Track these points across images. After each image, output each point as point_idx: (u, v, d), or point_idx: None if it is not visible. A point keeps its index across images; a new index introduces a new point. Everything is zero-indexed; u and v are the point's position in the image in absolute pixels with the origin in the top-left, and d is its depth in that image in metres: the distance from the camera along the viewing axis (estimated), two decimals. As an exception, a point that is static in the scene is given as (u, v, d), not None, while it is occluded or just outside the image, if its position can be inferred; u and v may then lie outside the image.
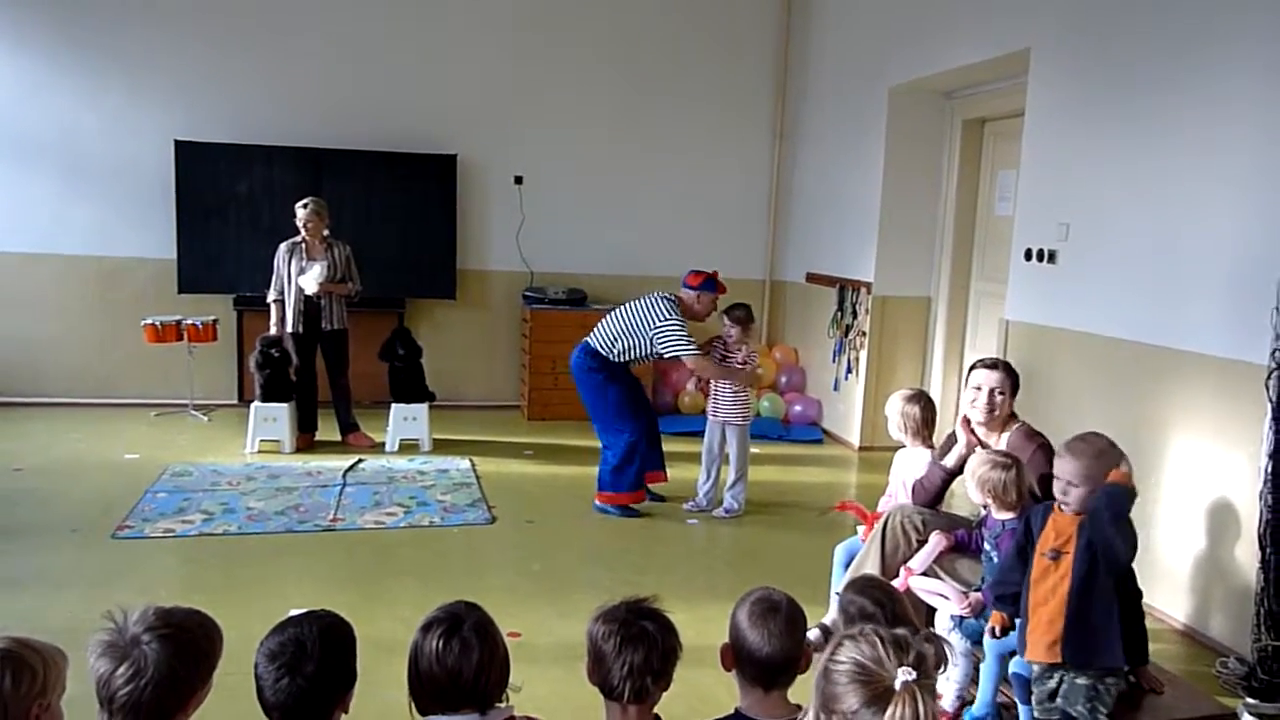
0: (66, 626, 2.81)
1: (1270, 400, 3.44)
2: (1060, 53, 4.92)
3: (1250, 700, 3.34)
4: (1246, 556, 3.66)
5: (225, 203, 7.20)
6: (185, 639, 1.73)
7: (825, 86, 7.67)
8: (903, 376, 6.74)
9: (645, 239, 8.12)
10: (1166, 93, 4.20)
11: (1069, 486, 2.68)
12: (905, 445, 3.83)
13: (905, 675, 1.32)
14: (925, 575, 3.22)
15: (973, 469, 3.12)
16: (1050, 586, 2.66)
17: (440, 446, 6.49)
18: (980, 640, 3.01)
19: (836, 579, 3.69)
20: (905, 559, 3.30)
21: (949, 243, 6.65)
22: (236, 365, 7.41)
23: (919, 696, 1.30)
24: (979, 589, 3.11)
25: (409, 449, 6.42)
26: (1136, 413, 4.29)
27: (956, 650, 3.07)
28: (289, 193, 6.67)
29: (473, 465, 6.11)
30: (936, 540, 3.24)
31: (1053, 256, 4.93)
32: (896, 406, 3.81)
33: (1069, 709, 2.60)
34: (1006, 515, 3.06)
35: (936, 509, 3.55)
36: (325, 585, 4.13)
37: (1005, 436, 3.39)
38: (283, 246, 6.22)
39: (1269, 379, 3.45)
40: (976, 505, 3.22)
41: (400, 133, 7.52)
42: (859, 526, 3.75)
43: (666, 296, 5.14)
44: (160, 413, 7.17)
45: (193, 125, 7.20)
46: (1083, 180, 4.74)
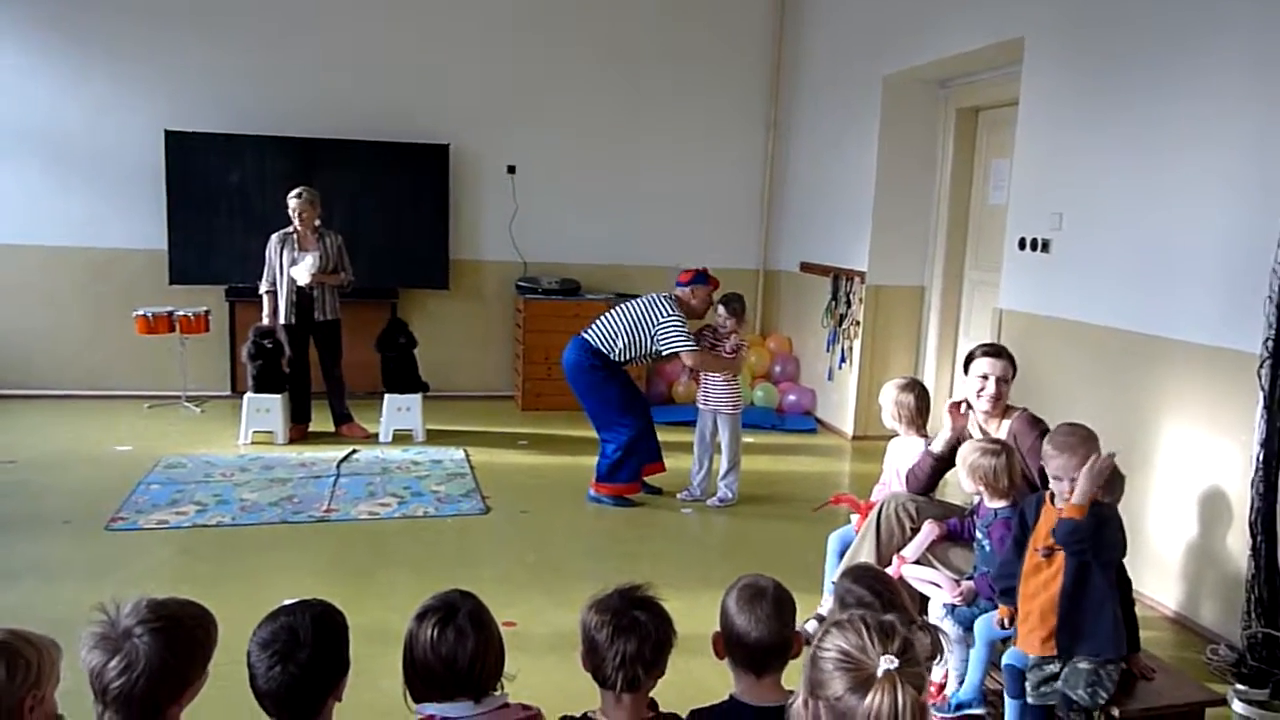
0: (60, 618, 2.80)
1: (1262, 389, 3.45)
2: (1054, 42, 4.92)
3: (1240, 686, 3.35)
4: (1237, 544, 3.68)
5: (216, 193, 7.16)
6: (178, 631, 1.73)
7: (819, 75, 7.66)
8: (896, 366, 6.75)
9: (639, 229, 8.10)
10: (1159, 82, 4.21)
11: (1056, 481, 2.70)
12: (899, 434, 3.83)
13: (887, 664, 1.35)
14: (918, 564, 3.23)
15: (964, 456, 3.13)
16: (1042, 581, 2.68)
17: (434, 437, 6.49)
18: (972, 627, 3.03)
19: (831, 568, 3.71)
20: (899, 547, 3.31)
21: (943, 232, 6.65)
22: (229, 356, 7.39)
23: (898, 685, 1.33)
24: (970, 577, 3.13)
25: (403, 439, 6.42)
26: (1129, 401, 4.30)
27: (951, 638, 3.08)
28: (280, 183, 6.64)
29: (467, 456, 6.11)
30: (929, 529, 3.26)
31: (1046, 246, 4.94)
32: (890, 395, 3.82)
33: (1069, 692, 2.61)
34: (999, 503, 3.07)
35: (930, 497, 3.56)
36: (319, 576, 4.12)
37: (1006, 424, 3.38)
38: (274, 237, 6.20)
39: (1261, 368, 3.46)
40: (969, 493, 3.23)
41: (392, 122, 7.49)
42: (853, 516, 3.76)
43: (666, 295, 5.17)
44: (152, 404, 7.16)
45: (182, 114, 7.15)
46: (1076, 169, 4.74)
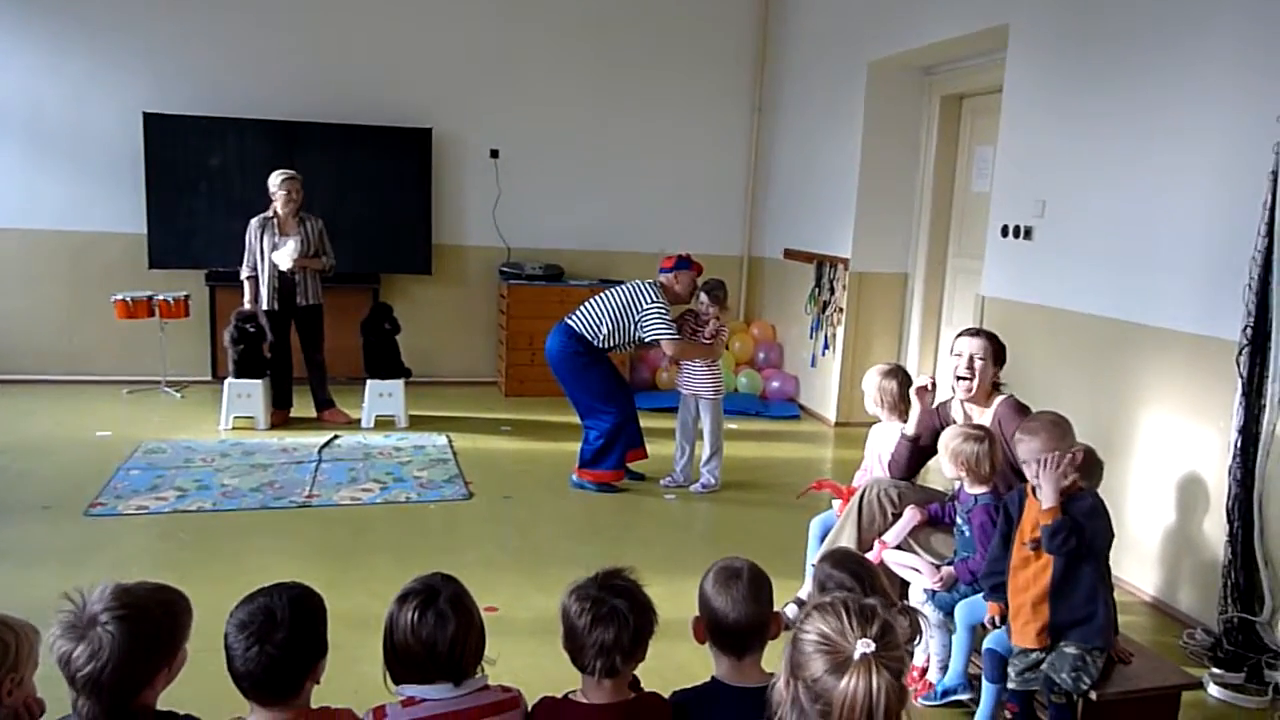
0: (39, 604, 2.78)
1: (1240, 376, 3.48)
2: (1038, 29, 4.92)
3: (1216, 670, 3.40)
4: (1215, 530, 3.72)
5: (196, 176, 7.10)
6: (144, 618, 1.72)
7: (804, 61, 7.64)
8: (879, 352, 6.76)
9: (623, 214, 8.09)
10: (1142, 70, 4.22)
11: (1026, 467, 2.72)
12: (881, 420, 3.84)
13: (864, 647, 1.38)
14: (899, 549, 3.25)
15: (945, 442, 3.13)
16: (1032, 575, 2.69)
17: (417, 423, 6.46)
18: (952, 612, 3.05)
19: (812, 552, 3.72)
20: (881, 532, 3.32)
21: (926, 219, 6.66)
22: (209, 341, 7.34)
23: (874, 668, 1.36)
24: (950, 562, 3.14)
25: (385, 425, 6.39)
26: (1109, 388, 4.33)
27: (931, 623, 3.10)
28: (261, 166, 6.57)
29: (449, 441, 6.10)
30: (910, 514, 3.27)
31: (1029, 233, 4.96)
32: (873, 381, 3.82)
33: (1054, 675, 2.63)
34: (979, 489, 3.08)
35: (912, 482, 3.57)
36: (301, 561, 4.11)
37: (992, 408, 3.39)
38: (254, 222, 6.14)
39: (1240, 355, 3.49)
40: (950, 479, 3.23)
41: (374, 106, 7.43)
42: (834, 501, 3.77)
43: (650, 282, 5.16)
44: (132, 390, 7.10)
45: (161, 97, 7.07)
46: (1059, 157, 4.76)
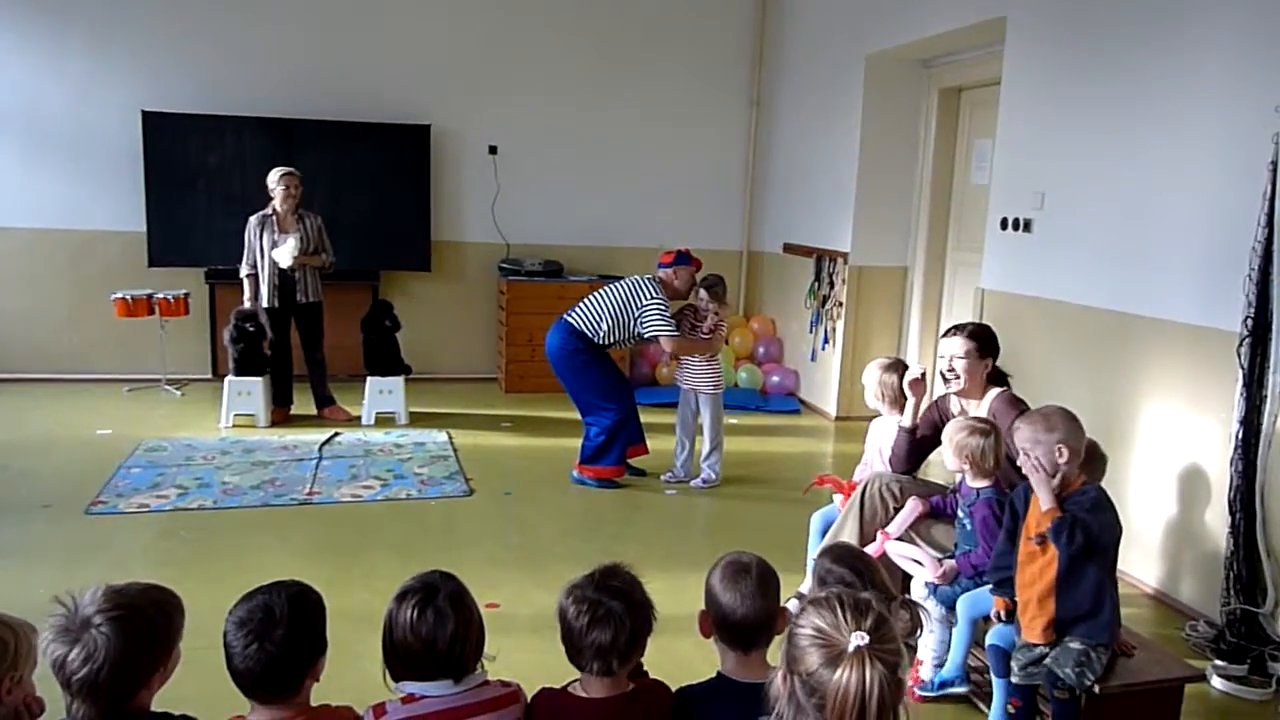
0: (40, 603, 2.77)
1: (1241, 367, 3.48)
2: (1035, 20, 4.91)
3: (1219, 662, 3.39)
4: (1216, 522, 3.71)
5: (195, 174, 7.08)
6: (138, 619, 1.71)
7: (802, 54, 7.63)
8: (879, 346, 6.76)
9: (622, 209, 8.07)
10: (1141, 61, 4.21)
11: (1022, 456, 2.71)
12: (882, 414, 3.84)
13: (858, 640, 1.38)
14: (901, 540, 3.24)
15: (950, 434, 3.12)
16: (1038, 569, 2.69)
17: (417, 419, 6.46)
18: (954, 606, 3.04)
19: (813, 547, 3.72)
20: (883, 526, 3.32)
21: (925, 212, 6.65)
22: (209, 339, 7.33)
23: (868, 661, 1.36)
24: (952, 555, 3.14)
25: (385, 422, 6.39)
26: (1110, 380, 4.33)
27: (932, 616, 3.09)
28: (260, 164, 6.56)
29: (450, 438, 6.09)
30: (913, 505, 3.27)
31: (1028, 225, 4.95)
32: (874, 375, 3.82)
33: (1057, 670, 2.62)
34: (982, 483, 3.07)
35: (913, 476, 3.56)
36: (302, 559, 4.11)
37: (987, 402, 3.39)
38: (253, 219, 6.13)
39: (1240, 346, 3.48)
40: (953, 472, 3.23)
41: (373, 103, 7.42)
42: (836, 496, 3.77)
43: (650, 278, 5.15)
44: (133, 388, 7.10)
45: (159, 95, 7.06)
46: (1058, 149, 4.74)
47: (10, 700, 1.71)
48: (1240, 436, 3.49)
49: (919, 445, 3.54)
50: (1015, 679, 2.74)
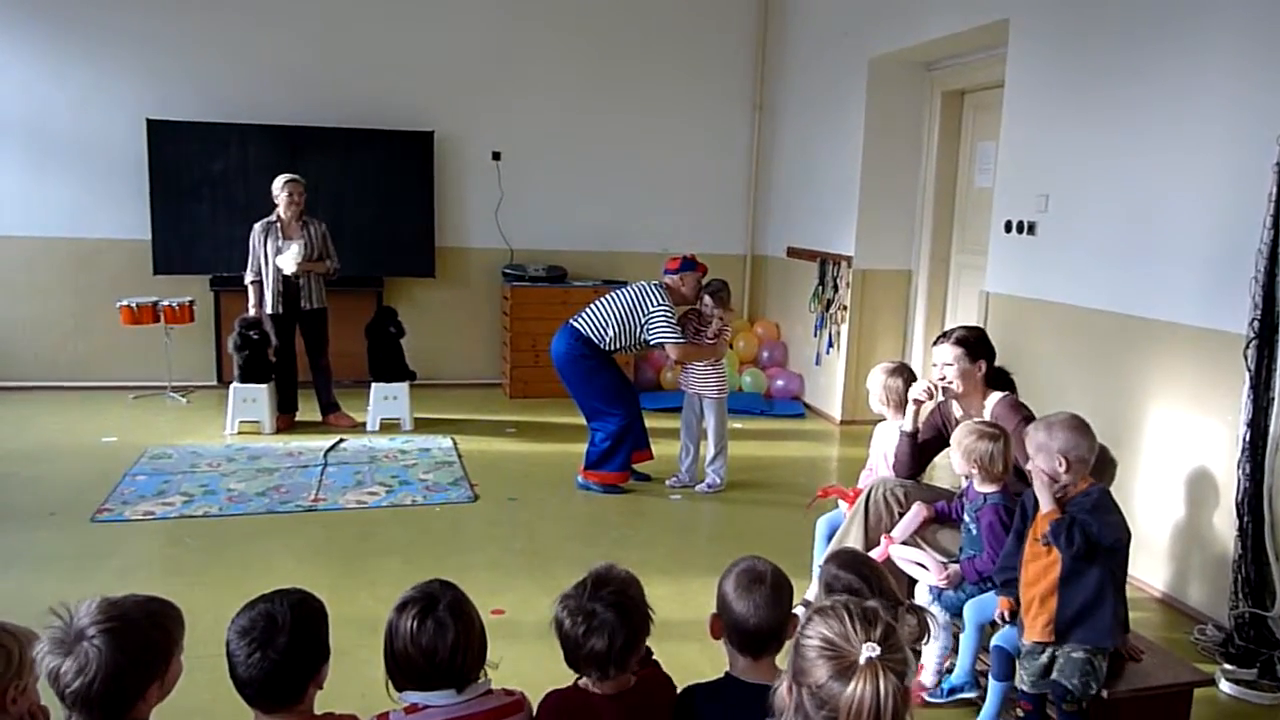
0: (46, 611, 2.77)
1: (1248, 369, 3.46)
2: (1038, 23, 4.90)
3: (1228, 666, 3.38)
4: (1224, 525, 3.70)
5: (199, 182, 7.11)
6: (132, 632, 1.70)
7: (805, 57, 7.63)
8: (884, 350, 6.75)
9: (625, 214, 8.07)
10: (1145, 63, 4.20)
11: (1030, 459, 2.70)
12: (887, 418, 3.83)
13: (869, 652, 1.36)
14: (905, 544, 3.23)
15: (959, 438, 3.09)
16: (1042, 568, 2.68)
17: (421, 425, 6.46)
18: (959, 612, 3.03)
19: (819, 552, 3.70)
20: (888, 531, 3.30)
21: (929, 215, 6.64)
22: (214, 346, 7.35)
23: (880, 673, 1.34)
24: (956, 560, 3.12)
25: (390, 428, 6.39)
26: (1116, 383, 4.31)
27: (937, 621, 3.08)
28: (264, 171, 6.57)
29: (454, 444, 6.09)
30: (917, 510, 3.25)
31: (1032, 228, 4.94)
32: (878, 379, 3.81)
33: (1065, 681, 2.61)
34: (990, 488, 3.04)
35: (918, 481, 3.55)
36: (307, 565, 4.11)
37: (989, 406, 3.36)
38: (257, 226, 6.14)
39: (1247, 348, 3.47)
40: (960, 476, 3.21)
41: (376, 109, 7.44)
42: (841, 503, 3.75)
43: (656, 284, 5.15)
44: (138, 395, 7.11)
45: (164, 103, 7.08)
46: (1062, 151, 4.73)
47: (15, 709, 1.71)
48: (1247, 439, 3.47)
49: (921, 449, 3.52)
50: (1024, 686, 2.73)
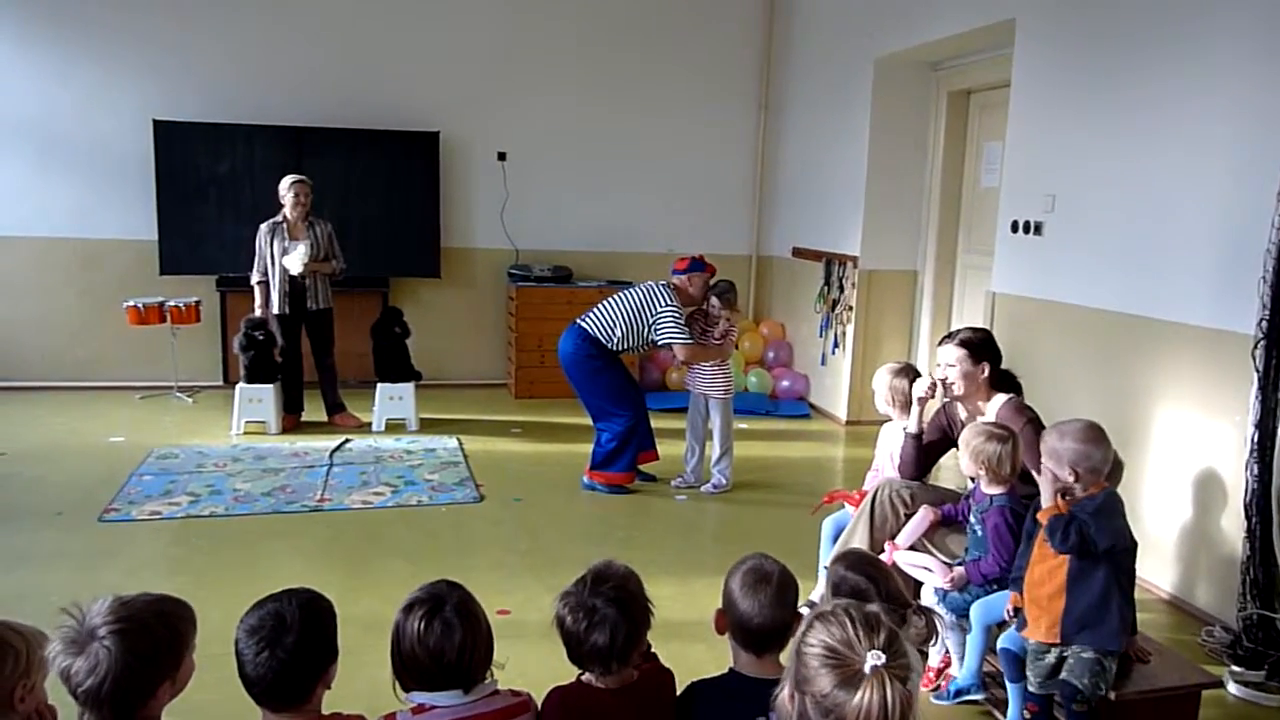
0: (53, 610, 2.77)
1: (1257, 370, 3.45)
2: (1045, 23, 4.89)
3: (1236, 668, 3.36)
4: (1232, 526, 3.68)
5: (206, 183, 7.12)
6: (142, 632, 1.71)
7: (810, 57, 7.62)
8: (889, 350, 6.74)
9: (630, 215, 8.07)
10: (1151, 63, 4.18)
11: (1048, 468, 2.69)
12: (892, 419, 3.81)
13: (874, 660, 1.34)
14: (911, 549, 3.22)
15: (967, 440, 3.07)
16: (1048, 570, 2.68)
17: (427, 426, 6.47)
18: (965, 614, 3.02)
19: (825, 553, 3.70)
20: (894, 532, 3.29)
21: (935, 216, 6.63)
22: (220, 347, 7.36)
23: (887, 681, 1.32)
24: (961, 562, 3.11)
25: (395, 428, 6.39)
26: (1123, 384, 4.30)
27: (945, 623, 3.07)
28: (270, 172, 6.59)
29: (460, 444, 6.09)
30: (923, 514, 3.24)
31: (1039, 228, 4.93)
32: (884, 380, 3.79)
33: (1075, 681, 2.60)
34: (997, 490, 3.03)
35: (924, 482, 3.54)
36: (313, 565, 4.11)
37: (994, 408, 3.35)
38: (264, 227, 6.15)
39: (1255, 348, 3.45)
40: (967, 477, 3.20)
41: (382, 110, 7.44)
42: (845, 504, 3.75)
43: (664, 284, 5.15)
44: (144, 395, 7.12)
45: (170, 104, 7.10)
46: (1068, 151, 4.72)
47: (23, 708, 1.71)
48: (1256, 440, 3.45)
49: (926, 450, 3.51)
50: (1033, 689, 2.72)
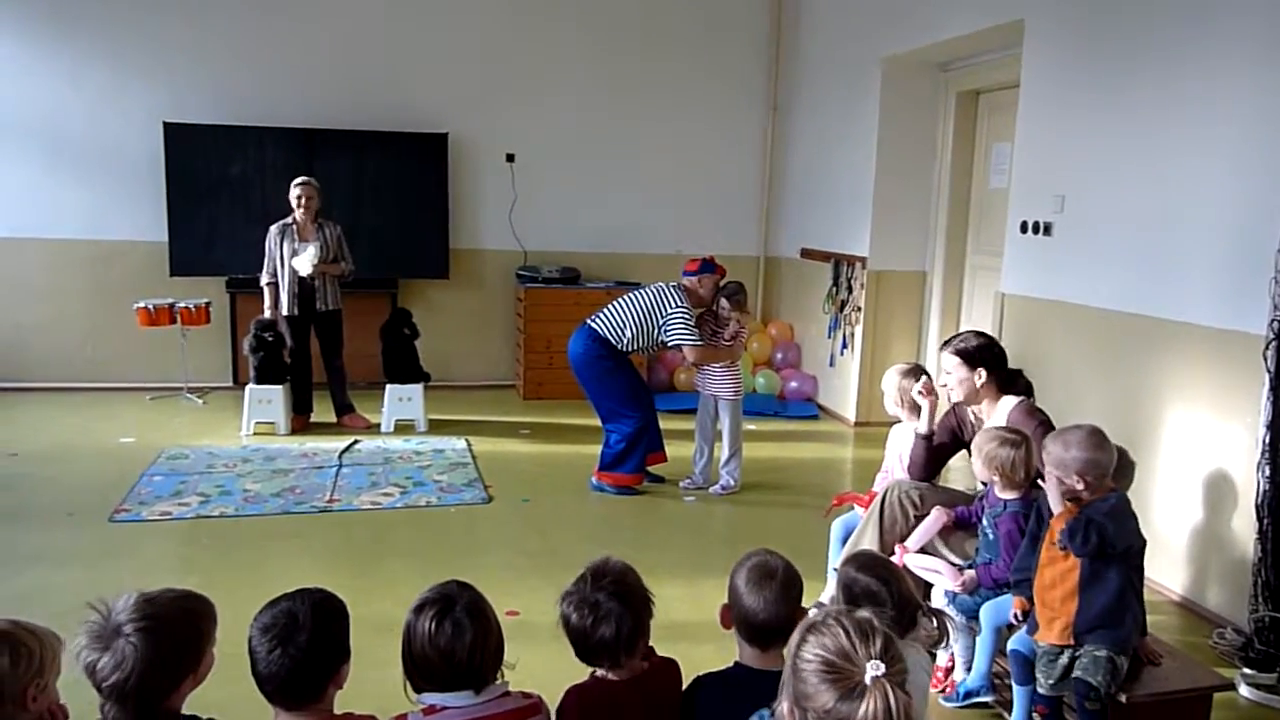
0: (65, 610, 2.77)
1: (1268, 370, 3.43)
2: (1054, 23, 4.88)
3: (1247, 671, 3.35)
4: (1244, 528, 3.67)
5: (216, 184, 7.15)
6: (167, 629, 1.74)
7: (818, 58, 7.61)
8: (898, 351, 6.72)
9: (638, 216, 8.08)
10: (1161, 63, 4.17)
11: (1054, 476, 2.68)
12: (902, 420, 3.81)
13: (874, 670, 1.32)
14: (922, 551, 3.21)
15: (980, 444, 3.06)
16: (1059, 573, 2.67)
17: (436, 427, 6.47)
18: (975, 615, 3.01)
19: (834, 554, 3.69)
20: (903, 534, 3.28)
21: (944, 216, 6.62)
22: (230, 348, 7.39)
23: (889, 690, 1.31)
24: (972, 565, 3.11)
25: (404, 429, 6.41)
26: (1133, 385, 4.28)
27: (956, 624, 3.06)
28: (280, 173, 6.61)
29: (469, 445, 6.10)
30: (936, 516, 3.21)
31: (1048, 229, 4.91)
32: (893, 381, 3.78)
33: (1089, 678, 2.59)
34: (1010, 494, 3.02)
35: (933, 483, 3.53)
36: (322, 566, 4.12)
37: (1005, 411, 3.33)
38: (274, 228, 6.17)
39: (1267, 349, 3.44)
40: (979, 481, 3.19)
41: (391, 112, 7.46)
42: (855, 506, 3.74)
43: (674, 285, 5.15)
44: (155, 396, 7.15)
45: (180, 106, 7.13)
46: (1078, 151, 4.71)
47: (35, 707, 1.72)
48: (1267, 441, 3.43)
49: (936, 452, 3.50)
50: (1044, 690, 2.71)
